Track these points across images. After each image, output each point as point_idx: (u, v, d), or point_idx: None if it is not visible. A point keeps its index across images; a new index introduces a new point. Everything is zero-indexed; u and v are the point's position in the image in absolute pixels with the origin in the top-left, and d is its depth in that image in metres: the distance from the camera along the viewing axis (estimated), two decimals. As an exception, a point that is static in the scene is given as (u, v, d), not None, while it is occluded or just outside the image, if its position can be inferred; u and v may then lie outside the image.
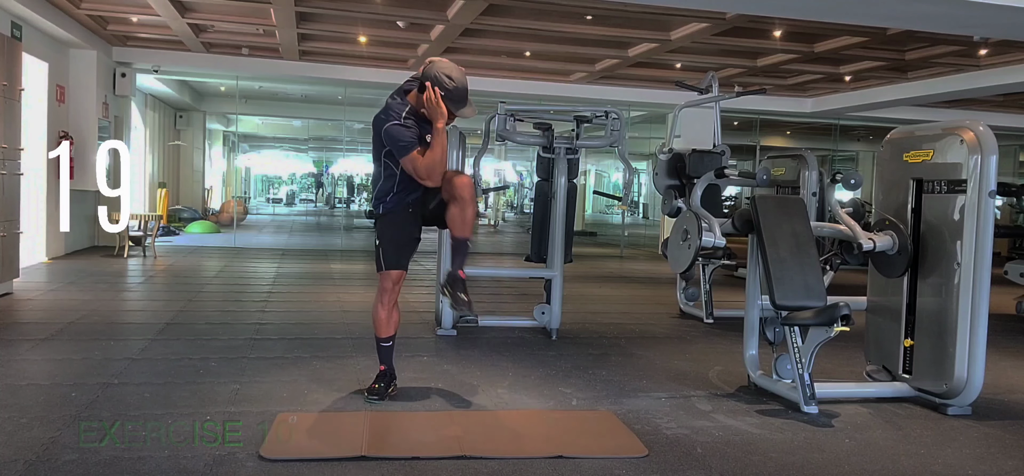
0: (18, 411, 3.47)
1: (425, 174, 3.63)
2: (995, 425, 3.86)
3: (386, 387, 3.88)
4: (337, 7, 8.40)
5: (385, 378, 3.91)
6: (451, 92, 3.62)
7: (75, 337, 5.10)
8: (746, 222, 4.21)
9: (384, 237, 3.84)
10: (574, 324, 6.14)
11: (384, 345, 3.92)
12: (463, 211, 3.67)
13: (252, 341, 5.17)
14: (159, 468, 2.88)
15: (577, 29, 8.84)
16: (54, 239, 9.37)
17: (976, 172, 3.86)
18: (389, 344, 3.92)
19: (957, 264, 3.92)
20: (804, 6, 6.51)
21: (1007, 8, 5.57)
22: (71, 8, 8.71)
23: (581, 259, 11.22)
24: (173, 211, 14.95)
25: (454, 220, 3.71)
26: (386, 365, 3.93)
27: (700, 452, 3.28)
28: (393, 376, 3.95)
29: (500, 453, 3.15)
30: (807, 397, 3.86)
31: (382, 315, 3.87)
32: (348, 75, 11.83)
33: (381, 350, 3.93)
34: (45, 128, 9.18)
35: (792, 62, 10.32)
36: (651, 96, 12.65)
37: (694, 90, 6.90)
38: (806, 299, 3.90)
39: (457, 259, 3.81)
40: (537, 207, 5.89)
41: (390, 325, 3.89)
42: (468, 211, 3.68)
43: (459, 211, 3.68)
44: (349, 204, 26.08)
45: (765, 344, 4.28)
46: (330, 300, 7.13)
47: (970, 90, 10.75)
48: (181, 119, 16.64)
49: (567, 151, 5.58)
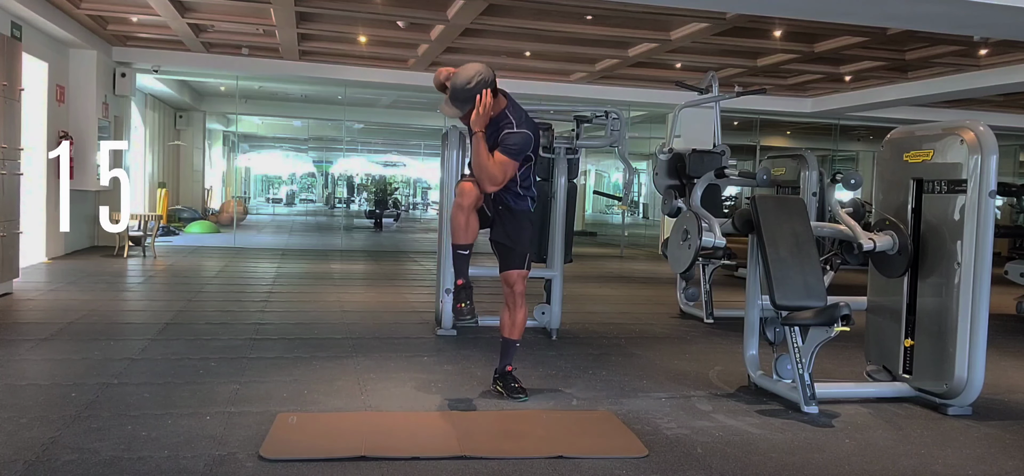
0: (18, 411, 3.47)
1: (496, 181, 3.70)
2: (995, 425, 3.86)
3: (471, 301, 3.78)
4: (337, 7, 8.40)
5: (467, 291, 3.78)
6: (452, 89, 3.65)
7: (75, 337, 5.10)
8: (746, 222, 4.21)
9: None
10: (574, 324, 6.14)
11: (462, 252, 3.77)
12: (513, 317, 3.97)
13: (252, 341, 5.17)
14: (159, 468, 2.88)
15: (577, 29, 8.84)
16: (54, 239, 9.37)
17: (976, 172, 3.85)
18: (466, 253, 3.77)
19: (957, 264, 3.92)
20: (804, 6, 6.50)
21: (1007, 8, 5.57)
22: (71, 8, 8.71)
23: (581, 259, 11.22)
24: (173, 211, 14.95)
25: (504, 324, 4.01)
26: (464, 278, 3.79)
27: (700, 452, 3.28)
28: (471, 288, 3.82)
29: (500, 453, 3.15)
30: (807, 397, 3.86)
31: (461, 220, 3.69)
32: (348, 75, 11.82)
33: (458, 259, 3.79)
34: (45, 128, 9.18)
35: (792, 62, 10.31)
36: (651, 96, 12.65)
37: (694, 90, 6.90)
38: (806, 299, 3.90)
39: (506, 357, 4.04)
40: (537, 207, 5.88)
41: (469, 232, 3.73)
42: (518, 316, 3.96)
43: (509, 317, 3.98)
44: (349, 204, 26.08)
45: (765, 344, 4.28)
46: (330, 300, 7.13)
47: (970, 90, 10.75)
48: (181, 119, 16.65)
49: (567, 151, 5.58)
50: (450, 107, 3.66)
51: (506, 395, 3.95)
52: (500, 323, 4.06)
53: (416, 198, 31.54)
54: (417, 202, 31.00)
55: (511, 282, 3.95)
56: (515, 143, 3.66)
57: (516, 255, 3.95)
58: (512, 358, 4.05)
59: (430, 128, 18.46)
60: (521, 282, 3.96)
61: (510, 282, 3.95)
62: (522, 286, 3.96)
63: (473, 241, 3.81)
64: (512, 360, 4.05)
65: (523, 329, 4.02)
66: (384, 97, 15.29)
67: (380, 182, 24.05)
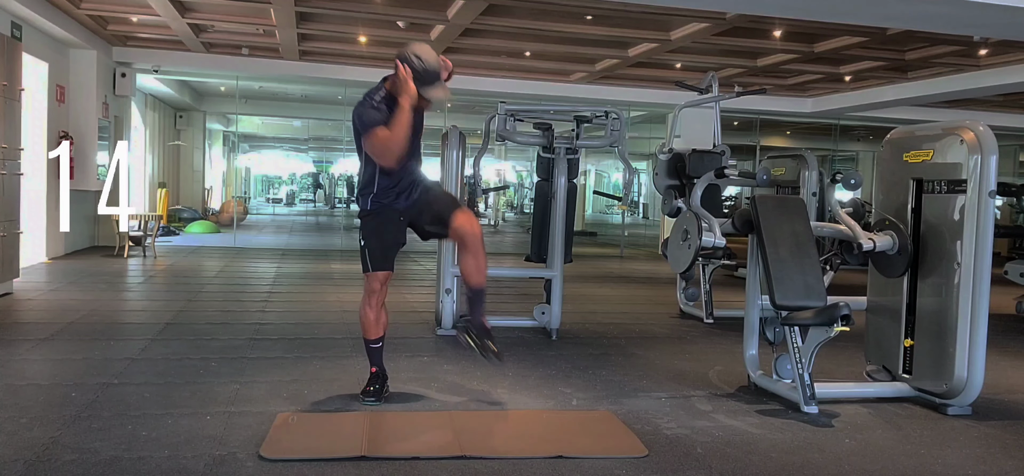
0: (18, 411, 3.47)
1: (380, 150, 3.51)
2: (995, 425, 3.86)
3: (381, 388, 3.84)
4: (337, 7, 8.40)
5: (379, 379, 3.86)
6: (418, 72, 3.53)
7: (75, 337, 5.10)
8: (746, 222, 4.21)
9: (369, 237, 3.74)
10: (574, 324, 6.14)
11: (374, 347, 3.85)
12: (476, 260, 3.65)
13: (252, 341, 5.17)
14: (159, 468, 2.88)
15: (577, 29, 8.84)
16: (54, 239, 9.37)
17: (976, 172, 3.86)
18: (379, 345, 3.85)
19: (957, 264, 3.92)
20: (804, 6, 6.51)
21: (1007, 8, 5.58)
22: (71, 8, 8.71)
23: (581, 259, 11.22)
24: (173, 211, 14.96)
25: (468, 270, 3.69)
26: (377, 367, 3.87)
27: (700, 452, 3.28)
28: (385, 377, 3.90)
29: (500, 453, 3.15)
30: (807, 397, 3.86)
31: (370, 316, 3.79)
32: (348, 75, 11.83)
33: (371, 352, 3.87)
34: (45, 128, 9.18)
35: (792, 62, 10.32)
36: (651, 96, 12.66)
37: (694, 90, 6.90)
38: (806, 299, 3.90)
39: (476, 308, 3.73)
40: (537, 207, 5.89)
41: (379, 326, 3.82)
42: (480, 259, 3.66)
43: (472, 260, 3.66)
44: (349, 204, 26.09)
45: (765, 344, 4.28)
46: (330, 300, 7.13)
47: (970, 90, 10.76)
48: (181, 119, 16.65)
49: (567, 151, 5.58)
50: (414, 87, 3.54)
51: (477, 350, 3.69)
52: (463, 273, 3.73)
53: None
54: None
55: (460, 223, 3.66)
56: None
57: (447, 199, 3.86)
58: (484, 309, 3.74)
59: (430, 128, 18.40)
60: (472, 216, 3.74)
61: (458, 223, 3.66)
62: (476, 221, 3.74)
63: (383, 334, 3.83)
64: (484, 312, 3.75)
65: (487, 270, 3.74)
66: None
67: (380, 182, 23.98)
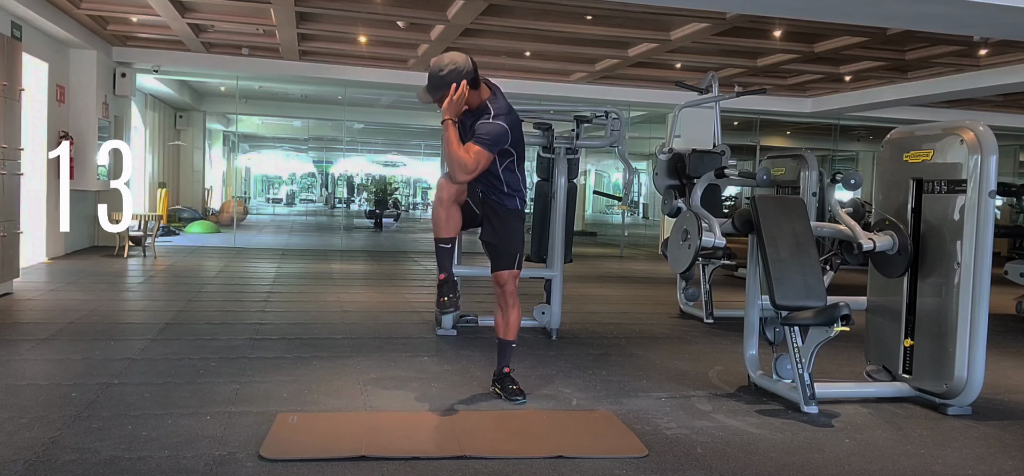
0: (18, 411, 3.47)
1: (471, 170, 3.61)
2: (995, 425, 3.86)
3: (455, 294, 3.77)
4: (337, 7, 8.40)
5: (450, 285, 3.75)
6: None
7: (75, 337, 5.10)
8: (746, 222, 4.21)
9: None
10: (574, 324, 6.14)
11: (444, 246, 3.74)
12: (506, 318, 3.96)
13: (252, 341, 5.17)
14: (159, 468, 2.88)
15: (577, 29, 8.84)
16: (54, 239, 9.37)
17: (976, 172, 3.86)
18: (449, 246, 3.76)
19: (957, 264, 3.92)
20: (804, 6, 6.50)
21: (1007, 8, 5.57)
22: (71, 8, 8.71)
23: (581, 259, 11.23)
24: (173, 211, 14.96)
25: (498, 325, 4.00)
26: (446, 273, 3.74)
27: (700, 452, 3.28)
28: (455, 283, 3.80)
29: (500, 453, 3.15)
30: (807, 397, 3.86)
31: (441, 214, 3.69)
32: (348, 75, 11.83)
33: (440, 252, 3.75)
34: (45, 128, 9.18)
35: (792, 62, 10.31)
36: (651, 96, 12.65)
37: (694, 90, 6.90)
38: (806, 299, 3.90)
39: (503, 359, 4.01)
40: (537, 207, 5.89)
41: (450, 225, 3.71)
42: (511, 317, 3.94)
43: (503, 318, 3.97)
44: (349, 204, 26.10)
45: (765, 344, 4.28)
46: (330, 300, 7.13)
47: (970, 90, 10.75)
48: (181, 119, 16.65)
49: (567, 151, 5.58)
50: (425, 93, 3.67)
51: (504, 398, 3.93)
52: (494, 324, 4.05)
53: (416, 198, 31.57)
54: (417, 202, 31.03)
55: (502, 282, 3.93)
56: (488, 133, 3.60)
57: (505, 255, 3.93)
58: (509, 359, 4.02)
59: (430, 128, 18.46)
60: (512, 282, 3.94)
61: (500, 282, 3.93)
62: (513, 286, 3.94)
63: (454, 235, 3.79)
64: (509, 361, 4.02)
65: (518, 328, 3.99)
66: (384, 97, 15.30)
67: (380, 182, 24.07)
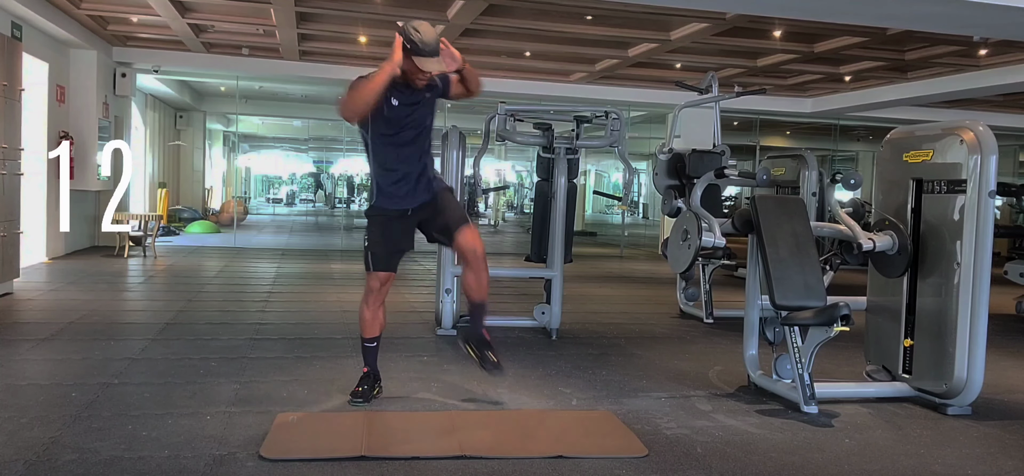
0: (18, 411, 3.47)
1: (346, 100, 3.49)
2: (995, 425, 3.86)
3: (370, 389, 3.81)
4: (337, 7, 8.40)
5: (369, 380, 3.84)
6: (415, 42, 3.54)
7: (75, 337, 5.10)
8: (746, 222, 4.21)
9: (372, 237, 3.78)
10: (574, 324, 6.14)
11: (368, 345, 3.85)
12: (477, 277, 3.69)
13: (252, 341, 5.17)
14: (159, 468, 2.88)
15: (577, 29, 8.84)
16: (54, 239, 9.37)
17: (976, 172, 3.86)
18: (374, 345, 3.85)
19: (957, 264, 3.92)
20: (804, 6, 6.51)
21: (1007, 8, 5.58)
22: (71, 8, 8.71)
23: (581, 259, 11.22)
24: (173, 211, 14.95)
25: (469, 286, 3.73)
26: (370, 367, 3.86)
27: (700, 452, 3.28)
28: (377, 378, 3.89)
29: (500, 453, 3.15)
30: (807, 397, 3.86)
31: (367, 314, 3.80)
32: (348, 75, 11.69)
33: (366, 351, 3.86)
34: (45, 128, 9.18)
35: (792, 62, 10.32)
36: (651, 96, 12.65)
37: (694, 90, 6.90)
38: (806, 299, 3.90)
39: (477, 321, 3.77)
40: (537, 207, 5.89)
41: (375, 326, 3.81)
42: (482, 276, 3.69)
43: (473, 277, 3.70)
44: (349, 204, 26.08)
45: (765, 344, 4.28)
46: (330, 300, 7.13)
47: (970, 90, 10.75)
48: (181, 119, 16.65)
49: (567, 151, 5.58)
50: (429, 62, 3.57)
51: (478, 362, 3.74)
52: (464, 288, 3.77)
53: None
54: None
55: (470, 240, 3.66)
56: None
57: (457, 212, 3.77)
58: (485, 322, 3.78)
59: (430, 128, 18.41)
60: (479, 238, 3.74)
61: (469, 241, 3.66)
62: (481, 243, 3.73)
63: (379, 334, 3.83)
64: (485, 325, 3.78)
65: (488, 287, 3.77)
66: (384, 97, 15.26)
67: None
